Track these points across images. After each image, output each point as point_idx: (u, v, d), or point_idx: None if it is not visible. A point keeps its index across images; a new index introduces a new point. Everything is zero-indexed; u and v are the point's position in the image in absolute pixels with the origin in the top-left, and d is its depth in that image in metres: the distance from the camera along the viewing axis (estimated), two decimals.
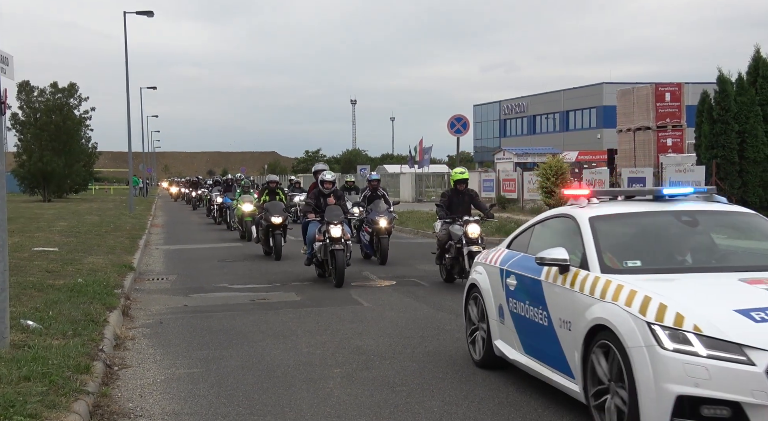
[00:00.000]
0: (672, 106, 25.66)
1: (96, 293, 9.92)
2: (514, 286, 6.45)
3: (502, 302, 6.66)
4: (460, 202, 12.54)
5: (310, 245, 12.89)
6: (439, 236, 12.45)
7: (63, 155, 47.52)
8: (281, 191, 17.48)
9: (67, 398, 5.53)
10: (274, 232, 16.10)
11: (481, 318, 7.09)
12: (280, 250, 16.02)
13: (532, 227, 6.87)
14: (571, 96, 66.51)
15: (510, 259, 6.76)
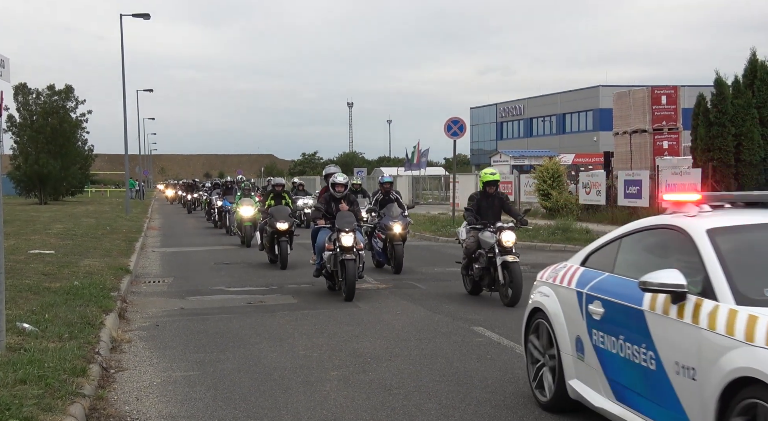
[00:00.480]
0: (668, 109, 25.71)
1: (92, 296, 9.90)
2: (600, 315, 5.15)
3: (582, 334, 5.39)
4: (490, 206, 11.42)
5: (319, 254, 11.82)
6: (467, 244, 11.32)
7: (59, 158, 47.42)
8: (287, 195, 16.36)
9: (63, 401, 5.51)
10: (279, 238, 14.97)
11: (548, 350, 5.87)
12: (286, 258, 14.97)
13: (617, 240, 5.57)
14: (567, 99, 66.60)
15: (590, 280, 5.48)
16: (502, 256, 10.61)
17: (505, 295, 10.59)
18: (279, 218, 14.97)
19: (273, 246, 15.35)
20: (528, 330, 6.25)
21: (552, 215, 26.11)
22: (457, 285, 12.63)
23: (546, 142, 63.62)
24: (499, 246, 10.68)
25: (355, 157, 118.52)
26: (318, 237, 11.93)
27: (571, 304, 5.58)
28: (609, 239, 5.71)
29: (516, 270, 10.45)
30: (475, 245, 11.15)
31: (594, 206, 26.65)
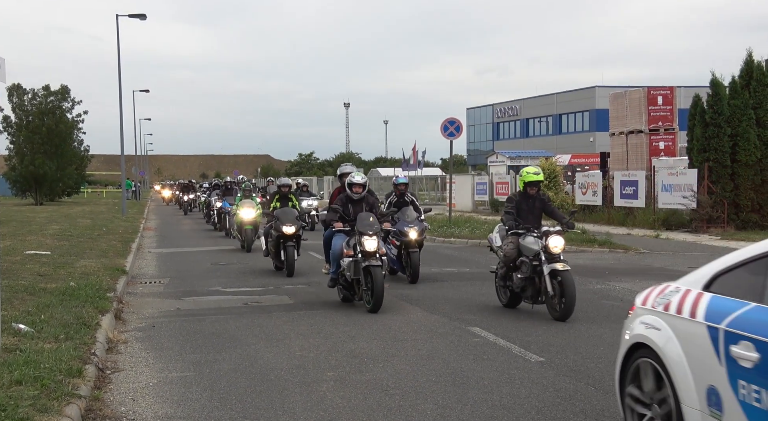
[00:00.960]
0: (664, 109, 25.80)
1: (88, 297, 9.88)
2: (753, 361, 3.81)
3: (719, 384, 4.08)
4: (530, 209, 10.31)
5: (335, 261, 10.63)
6: (505, 251, 10.14)
7: (55, 158, 47.37)
8: (294, 197, 15.39)
9: (59, 401, 5.50)
10: (286, 243, 13.90)
11: (658, 397, 4.55)
12: (293, 264, 13.87)
13: (764, 258, 4.16)
14: (564, 99, 66.67)
15: (728, 311, 4.13)
16: (550, 264, 9.54)
17: (555, 308, 9.53)
18: (285, 221, 13.90)
19: (279, 252, 14.20)
20: (626, 369, 4.86)
21: None
22: (454, 286, 12.63)
23: (542, 143, 63.67)
24: (545, 253, 9.61)
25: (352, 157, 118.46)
26: (333, 242, 10.73)
27: (698, 342, 4.27)
28: (750, 256, 4.29)
29: (569, 279, 9.37)
30: (516, 252, 10.02)
31: (590, 207, 26.69)
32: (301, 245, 14.45)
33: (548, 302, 9.66)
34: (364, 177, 11.16)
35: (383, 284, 9.97)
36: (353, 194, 10.92)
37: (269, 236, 14.65)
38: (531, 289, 9.82)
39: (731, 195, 21.20)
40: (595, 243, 18.32)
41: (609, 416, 5.73)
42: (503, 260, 10.19)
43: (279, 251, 14.20)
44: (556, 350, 7.85)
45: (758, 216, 21.24)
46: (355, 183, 10.95)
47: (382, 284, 9.92)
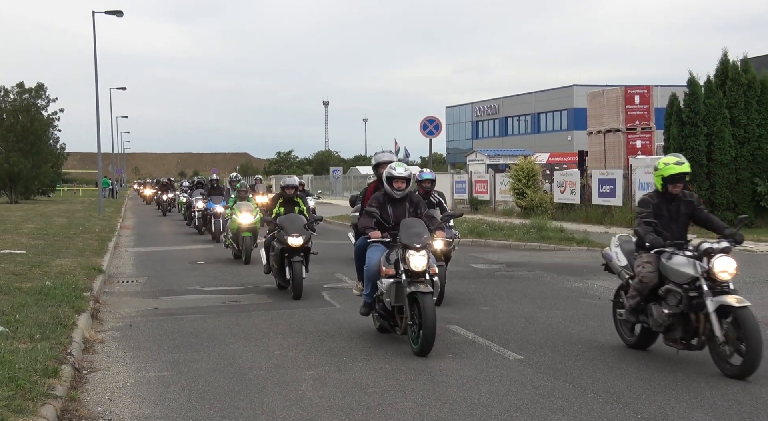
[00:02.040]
0: (641, 108, 26.00)
1: (64, 296, 9.78)
2: None
3: None
4: (674, 215, 7.64)
5: (369, 281, 8.26)
6: (641, 275, 7.39)
7: (30, 157, 46.88)
8: (301, 200, 12.54)
9: (35, 402, 5.44)
10: (292, 258, 11.33)
11: None
12: (301, 284, 11.19)
13: None
14: (542, 98, 67.01)
15: None
16: (717, 296, 6.79)
17: (727, 359, 6.73)
18: (291, 231, 11.29)
19: (283, 268, 11.58)
20: None
21: (527, 214, 26.27)
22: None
23: (521, 142, 63.96)
24: (708, 280, 6.89)
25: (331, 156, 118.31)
26: (368, 256, 8.29)
27: None
28: None
29: (749, 320, 6.54)
30: (656, 276, 7.34)
31: (568, 205, 26.84)
32: (310, 259, 11.78)
33: (715, 350, 6.85)
34: (407, 168, 8.56)
35: (434, 315, 7.48)
36: (394, 192, 8.44)
37: (271, 248, 11.99)
38: (681, 329, 7.14)
39: (707, 194, 21.41)
40: (573, 241, 18.44)
41: (587, 414, 5.77)
42: (638, 287, 7.44)
43: (283, 267, 11.56)
44: (535, 348, 7.89)
45: (733, 215, 21.44)
46: (397, 177, 8.40)
47: (433, 316, 7.44)
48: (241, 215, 15.82)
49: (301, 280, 11.23)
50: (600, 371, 7.00)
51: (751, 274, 13.03)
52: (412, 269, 7.71)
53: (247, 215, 15.84)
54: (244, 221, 15.77)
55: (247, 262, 15.60)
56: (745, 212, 21.34)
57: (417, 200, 8.73)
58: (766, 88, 21.48)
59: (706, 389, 6.36)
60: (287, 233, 11.33)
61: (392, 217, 8.45)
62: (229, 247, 16.86)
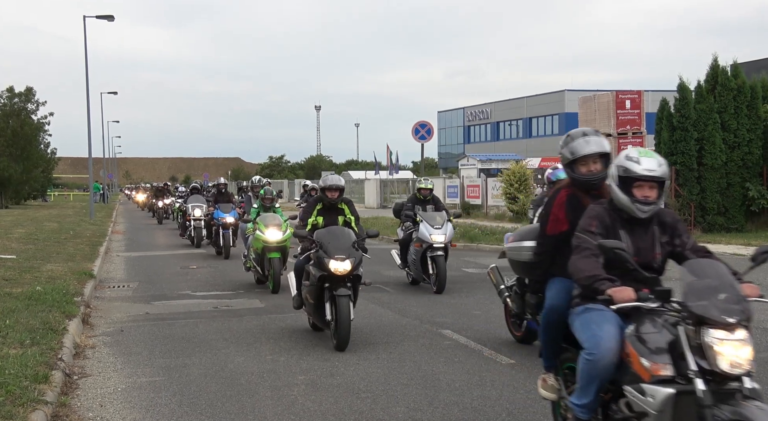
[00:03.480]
0: (632, 113, 26.10)
1: (55, 301, 9.73)
2: None
3: None
4: None
5: None
6: None
7: (20, 161, 46.69)
8: (347, 208, 9.20)
9: (25, 408, 5.41)
10: (335, 289, 8.10)
11: None
12: (348, 328, 7.99)
13: None
14: (533, 103, 67.22)
15: None
16: None
17: None
18: (334, 251, 8.16)
19: (322, 302, 8.31)
20: None
21: (519, 218, 26.31)
22: (425, 288, 12.61)
23: (513, 146, 64.13)
24: None
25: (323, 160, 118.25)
26: None
27: None
28: None
29: None
30: None
31: None
32: (359, 291, 8.60)
33: None
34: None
35: None
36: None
37: (305, 274, 8.81)
38: None
39: (698, 198, 21.52)
40: None
41: None
42: None
43: (322, 302, 8.29)
44: (527, 352, 7.89)
45: (724, 219, 21.57)
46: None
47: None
48: (267, 231, 12.43)
49: (349, 323, 7.92)
50: None
51: None
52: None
53: (274, 230, 12.46)
54: (272, 237, 12.38)
55: (275, 290, 12.29)
56: (736, 216, 21.49)
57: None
58: (755, 93, 21.62)
59: None
60: (328, 254, 8.16)
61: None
62: (251, 270, 13.43)
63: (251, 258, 13.16)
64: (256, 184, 15.92)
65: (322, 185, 9.13)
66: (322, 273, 8.15)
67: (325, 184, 9.06)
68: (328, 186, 9.02)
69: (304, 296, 8.76)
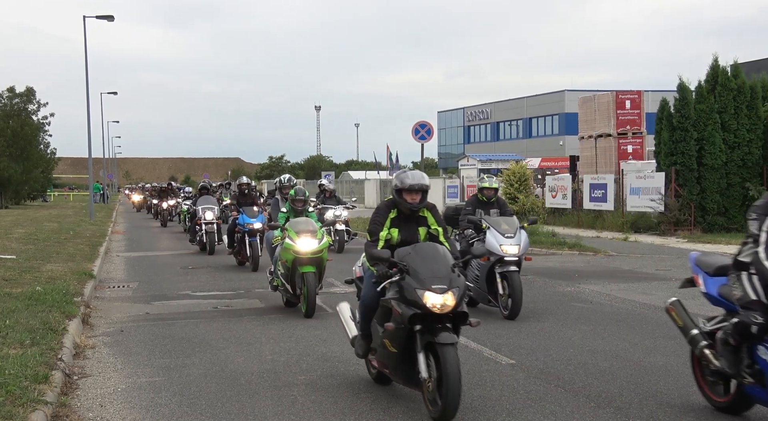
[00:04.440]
0: (632, 113, 26.13)
1: (55, 302, 9.73)
2: None
3: None
4: None
5: None
6: None
7: (21, 161, 46.72)
8: (431, 216, 6.70)
9: (25, 408, 5.41)
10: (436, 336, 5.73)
11: None
12: (460, 387, 5.58)
13: None
14: (534, 103, 67.21)
15: None
16: None
17: None
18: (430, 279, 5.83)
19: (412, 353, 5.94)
20: None
21: (519, 219, 26.29)
22: None
23: (513, 146, 64.11)
24: None
25: (323, 160, 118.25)
26: None
27: None
28: None
29: None
30: None
31: (560, 210, 26.91)
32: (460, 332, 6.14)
33: None
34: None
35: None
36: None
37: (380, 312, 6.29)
38: None
39: (698, 198, 21.52)
40: (565, 246, 18.47)
41: (579, 418, 5.77)
42: None
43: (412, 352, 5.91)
44: (527, 353, 7.89)
45: (724, 219, 21.58)
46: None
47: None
48: (299, 240, 10.07)
49: (459, 382, 5.54)
50: (592, 375, 7.01)
51: None
52: None
53: (308, 239, 10.11)
54: (305, 247, 10.05)
55: (309, 314, 9.90)
56: (736, 216, 21.49)
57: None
58: (755, 93, 21.64)
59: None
60: (422, 284, 5.78)
61: None
62: (278, 289, 10.81)
63: (279, 274, 10.57)
64: (285, 183, 13.28)
65: (399, 186, 6.43)
66: (415, 311, 5.73)
67: (404, 185, 6.38)
68: (407, 187, 6.36)
69: (385, 342, 6.07)
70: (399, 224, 6.54)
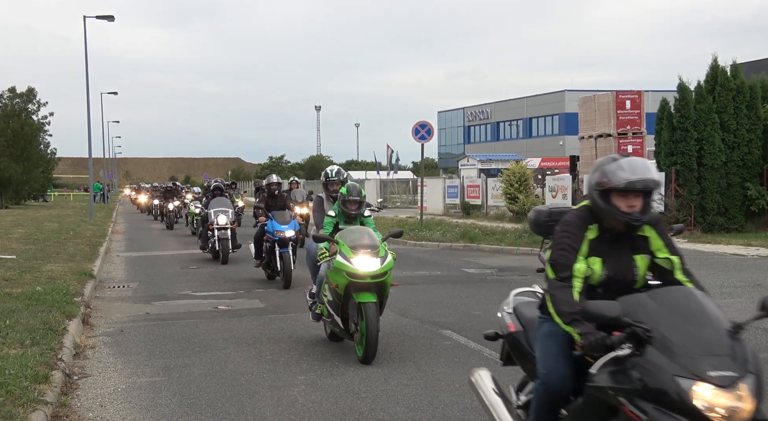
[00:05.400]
0: (632, 113, 26.10)
1: (55, 302, 9.73)
2: None
3: None
4: None
5: None
6: None
7: (21, 161, 46.74)
8: (658, 235, 4.08)
9: (25, 408, 5.41)
10: None
11: None
12: None
13: None
14: (534, 103, 67.22)
15: None
16: None
17: None
18: (695, 361, 3.13)
19: None
20: None
21: (519, 219, 26.30)
22: (425, 289, 12.62)
23: (513, 146, 64.12)
24: None
25: (323, 160, 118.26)
26: None
27: None
28: None
29: None
30: None
31: None
32: None
33: None
34: None
35: None
36: None
37: None
38: None
39: (698, 198, 21.52)
40: None
41: None
42: None
43: None
44: None
45: (724, 219, 21.58)
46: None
47: None
48: (356, 258, 7.61)
49: None
50: None
51: (741, 278, 13.08)
52: None
53: (366, 257, 7.63)
54: (365, 267, 7.58)
55: (366, 359, 7.50)
56: (736, 216, 21.49)
57: None
58: (755, 93, 21.63)
59: None
60: (687, 367, 3.16)
61: None
62: (323, 318, 8.43)
63: (324, 300, 8.14)
64: (332, 178, 9.56)
65: (607, 183, 3.87)
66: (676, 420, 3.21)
67: (618, 182, 3.84)
68: (624, 184, 3.83)
69: None
70: (602, 249, 3.96)
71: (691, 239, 20.46)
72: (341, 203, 8.46)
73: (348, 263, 7.54)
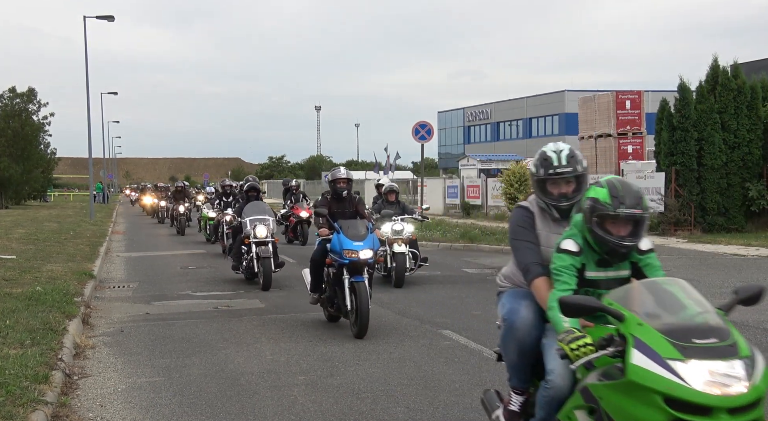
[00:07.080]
0: (632, 113, 26.11)
1: (55, 302, 9.74)
2: None
3: None
4: None
5: None
6: None
7: (21, 162, 46.76)
8: None
9: (25, 408, 5.41)
10: None
11: None
12: None
13: None
14: (534, 103, 67.22)
15: None
16: None
17: None
18: None
19: None
20: None
21: None
22: (425, 289, 12.62)
23: (513, 146, 64.11)
24: None
25: (323, 160, 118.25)
26: None
27: None
28: None
29: None
30: None
31: None
32: None
33: None
34: None
35: None
36: None
37: None
38: None
39: (698, 198, 21.51)
40: None
41: None
42: None
43: None
44: None
45: (724, 219, 21.58)
46: None
47: None
48: None
49: None
50: None
51: (741, 278, 13.08)
52: None
53: None
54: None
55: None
56: (736, 216, 21.48)
57: None
58: (755, 94, 21.63)
59: None
60: None
61: None
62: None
63: None
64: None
65: None
66: None
67: None
68: None
69: None
70: None
71: (691, 239, 20.45)
72: None
73: None
